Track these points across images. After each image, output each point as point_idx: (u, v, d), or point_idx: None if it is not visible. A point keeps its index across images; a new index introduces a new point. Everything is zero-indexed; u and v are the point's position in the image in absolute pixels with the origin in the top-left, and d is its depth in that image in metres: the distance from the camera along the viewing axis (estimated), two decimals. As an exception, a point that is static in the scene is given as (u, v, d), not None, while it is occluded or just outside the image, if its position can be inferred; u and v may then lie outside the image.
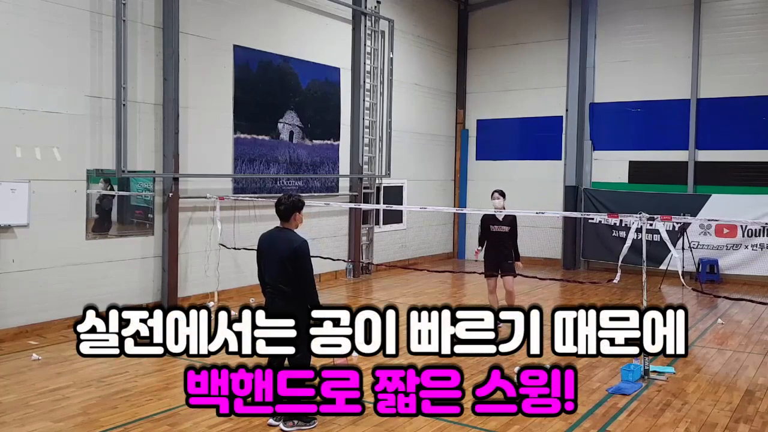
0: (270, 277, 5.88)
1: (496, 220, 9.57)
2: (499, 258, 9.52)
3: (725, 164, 14.86)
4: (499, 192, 9.67)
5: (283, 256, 5.74)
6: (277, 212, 5.96)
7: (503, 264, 9.51)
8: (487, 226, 9.62)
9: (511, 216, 9.61)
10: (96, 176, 9.71)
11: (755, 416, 6.37)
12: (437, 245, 17.72)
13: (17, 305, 8.76)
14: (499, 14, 17.74)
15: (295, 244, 5.75)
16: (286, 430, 5.82)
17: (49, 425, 5.90)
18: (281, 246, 5.80)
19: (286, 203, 5.93)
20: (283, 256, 5.74)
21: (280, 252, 5.77)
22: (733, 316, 11.00)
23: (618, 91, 16.04)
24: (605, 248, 15.62)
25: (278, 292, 5.82)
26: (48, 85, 9.05)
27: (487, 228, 9.62)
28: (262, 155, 12.35)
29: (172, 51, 10.38)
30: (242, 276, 11.90)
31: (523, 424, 6.05)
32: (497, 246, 9.54)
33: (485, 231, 9.67)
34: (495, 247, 9.56)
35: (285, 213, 5.93)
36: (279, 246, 5.82)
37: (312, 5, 13.36)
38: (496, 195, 9.64)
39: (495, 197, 9.65)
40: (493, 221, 9.58)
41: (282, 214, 5.95)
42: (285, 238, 5.84)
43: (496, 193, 9.67)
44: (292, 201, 5.94)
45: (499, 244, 9.52)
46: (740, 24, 14.71)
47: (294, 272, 5.73)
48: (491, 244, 9.62)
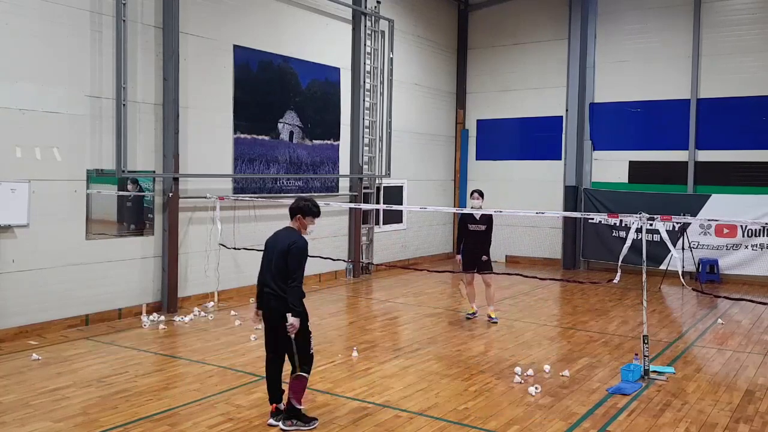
0: (270, 275, 5.82)
1: (474, 219, 10.21)
2: (477, 255, 10.22)
3: (725, 164, 14.86)
4: (478, 192, 10.36)
5: (282, 251, 5.76)
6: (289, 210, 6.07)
7: (479, 262, 10.22)
8: (466, 224, 10.29)
9: (488, 215, 10.23)
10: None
11: (755, 416, 6.37)
12: (437, 245, 17.73)
13: (17, 305, 8.76)
14: (499, 14, 17.75)
15: (293, 239, 5.80)
16: (285, 429, 5.81)
17: (49, 425, 5.90)
18: (282, 242, 5.83)
19: (294, 204, 6.02)
20: (282, 251, 5.76)
21: (281, 247, 5.79)
22: (733, 316, 11.00)
23: (618, 91, 16.05)
24: (605, 248, 15.64)
25: (275, 292, 5.75)
26: (48, 85, 9.05)
27: (466, 227, 10.29)
28: (262, 155, 12.35)
29: (172, 51, 10.38)
30: (242, 276, 11.91)
31: (523, 424, 6.05)
32: (475, 243, 10.24)
33: (464, 230, 10.32)
34: (473, 244, 10.25)
35: (290, 212, 6.02)
36: (281, 243, 5.84)
37: (312, 5, 13.36)
38: (476, 195, 10.32)
39: (474, 197, 10.33)
40: (472, 220, 10.23)
41: (289, 213, 6.04)
42: (287, 236, 5.88)
43: (475, 193, 10.36)
44: (299, 205, 5.98)
45: (477, 242, 10.23)
46: (740, 24, 14.72)
47: (286, 267, 5.71)
48: (469, 242, 10.30)
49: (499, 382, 7.27)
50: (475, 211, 10.17)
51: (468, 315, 10.56)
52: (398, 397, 6.72)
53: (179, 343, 8.85)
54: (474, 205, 10.28)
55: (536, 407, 6.50)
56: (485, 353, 8.49)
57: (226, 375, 7.39)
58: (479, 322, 10.33)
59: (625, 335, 9.55)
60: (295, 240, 5.79)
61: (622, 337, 9.41)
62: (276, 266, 5.76)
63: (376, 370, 7.57)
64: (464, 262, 10.35)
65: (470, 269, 10.30)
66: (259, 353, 8.24)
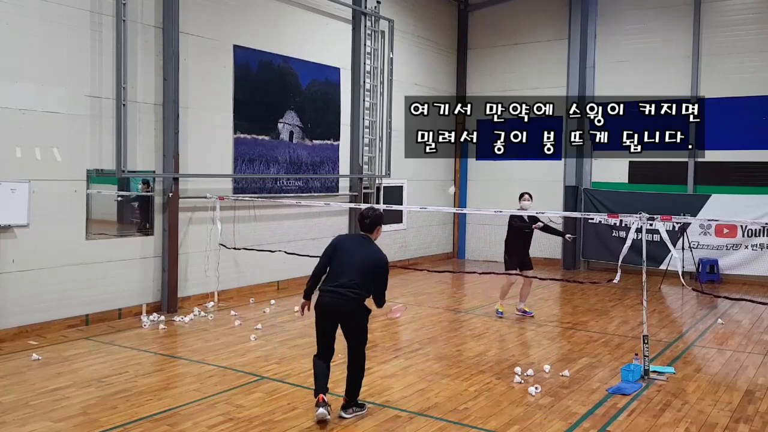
0: (347, 278, 6.01)
1: (524, 220, 10.54)
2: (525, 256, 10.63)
3: (725, 164, 14.86)
4: (528, 194, 10.71)
5: (370, 262, 6.08)
6: (362, 225, 6.31)
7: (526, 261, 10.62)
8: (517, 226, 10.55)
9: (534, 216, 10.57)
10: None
11: (755, 416, 6.37)
12: (437, 245, 17.73)
13: (17, 305, 8.76)
14: (499, 14, 17.75)
15: (382, 256, 6.19)
16: (346, 416, 6.09)
17: (49, 425, 5.89)
18: (369, 252, 6.14)
19: (371, 216, 6.29)
20: (370, 262, 6.07)
21: (367, 257, 6.10)
22: (733, 316, 11.01)
23: (618, 91, 16.02)
24: (605, 248, 15.63)
25: (355, 293, 5.98)
26: (48, 85, 9.05)
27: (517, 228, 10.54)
28: (262, 155, 12.35)
29: (172, 51, 10.38)
30: (242, 276, 11.91)
31: (523, 424, 6.05)
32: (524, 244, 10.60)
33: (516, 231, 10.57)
34: (523, 246, 10.59)
35: (370, 225, 6.28)
36: (367, 252, 6.14)
37: (312, 5, 13.36)
38: (526, 197, 10.68)
39: (525, 198, 10.68)
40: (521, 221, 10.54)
41: (368, 227, 6.29)
42: (373, 247, 6.22)
43: (526, 194, 10.71)
44: (377, 215, 6.33)
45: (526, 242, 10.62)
46: (740, 24, 14.72)
47: (374, 281, 6.09)
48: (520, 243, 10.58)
49: (499, 382, 7.27)
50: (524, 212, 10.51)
51: (498, 312, 10.68)
52: (398, 397, 6.72)
53: (179, 343, 8.85)
54: (524, 206, 10.59)
55: (536, 407, 6.50)
56: (485, 353, 8.49)
57: (226, 375, 7.39)
58: (479, 322, 10.32)
59: (625, 335, 9.55)
60: (383, 259, 6.18)
61: (622, 337, 9.41)
62: (358, 274, 6.00)
63: (376, 370, 7.57)
64: (512, 263, 10.60)
65: (515, 269, 10.57)
66: (258, 353, 8.26)
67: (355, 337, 6.13)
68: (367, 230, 6.28)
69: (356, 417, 6.11)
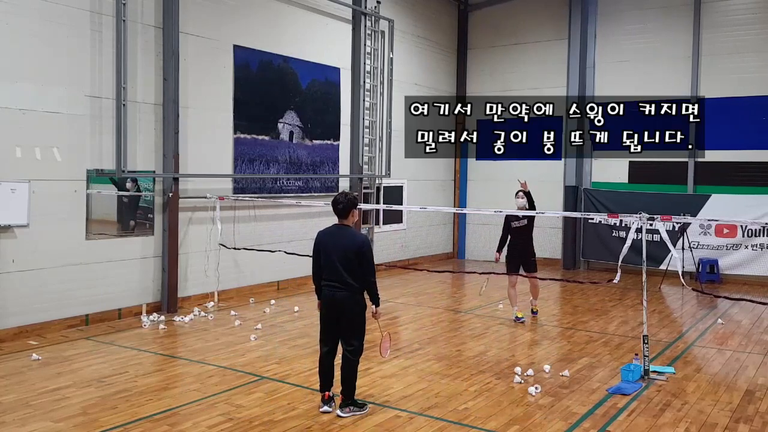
0: (333, 272, 6.10)
1: (517, 217, 10.34)
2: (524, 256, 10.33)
3: (725, 164, 14.86)
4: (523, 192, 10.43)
5: (348, 250, 6.07)
6: (336, 211, 6.25)
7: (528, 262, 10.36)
8: (509, 223, 10.38)
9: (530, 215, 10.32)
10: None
11: (755, 416, 6.37)
12: (437, 245, 17.73)
13: (17, 305, 8.76)
14: (499, 14, 17.75)
15: (358, 239, 6.15)
16: (343, 415, 6.07)
17: (49, 425, 5.89)
18: (345, 241, 6.12)
19: (344, 201, 6.21)
20: (348, 251, 6.06)
21: (345, 246, 6.09)
22: (733, 316, 11.00)
23: (618, 91, 16.01)
24: (605, 248, 15.63)
25: (343, 285, 6.07)
26: (48, 85, 9.05)
27: (509, 225, 10.36)
28: (262, 155, 12.35)
29: (172, 51, 10.38)
30: (242, 276, 11.91)
31: (523, 424, 6.05)
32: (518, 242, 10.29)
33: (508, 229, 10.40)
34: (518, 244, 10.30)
35: (342, 209, 6.21)
36: (342, 241, 6.12)
37: (312, 5, 13.36)
38: (520, 194, 10.37)
39: (519, 196, 10.38)
40: (514, 218, 10.35)
41: (341, 212, 6.23)
42: (347, 234, 6.19)
43: (520, 192, 10.40)
44: (349, 199, 6.25)
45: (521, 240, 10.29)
46: (740, 24, 14.72)
47: (359, 266, 6.07)
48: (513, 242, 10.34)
49: (499, 382, 7.27)
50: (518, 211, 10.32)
51: (517, 318, 10.24)
52: (398, 397, 6.71)
53: (179, 343, 8.85)
54: (518, 204, 10.41)
55: (536, 407, 6.50)
56: (485, 353, 8.48)
57: (226, 375, 7.39)
58: (479, 322, 10.32)
59: (625, 335, 9.54)
60: (363, 240, 6.16)
61: (622, 337, 9.41)
62: (343, 265, 6.05)
63: (376, 370, 7.57)
64: (513, 265, 10.32)
65: (515, 271, 10.29)
66: (258, 353, 8.26)
67: (349, 330, 6.16)
68: (341, 216, 6.24)
69: (356, 417, 6.10)
